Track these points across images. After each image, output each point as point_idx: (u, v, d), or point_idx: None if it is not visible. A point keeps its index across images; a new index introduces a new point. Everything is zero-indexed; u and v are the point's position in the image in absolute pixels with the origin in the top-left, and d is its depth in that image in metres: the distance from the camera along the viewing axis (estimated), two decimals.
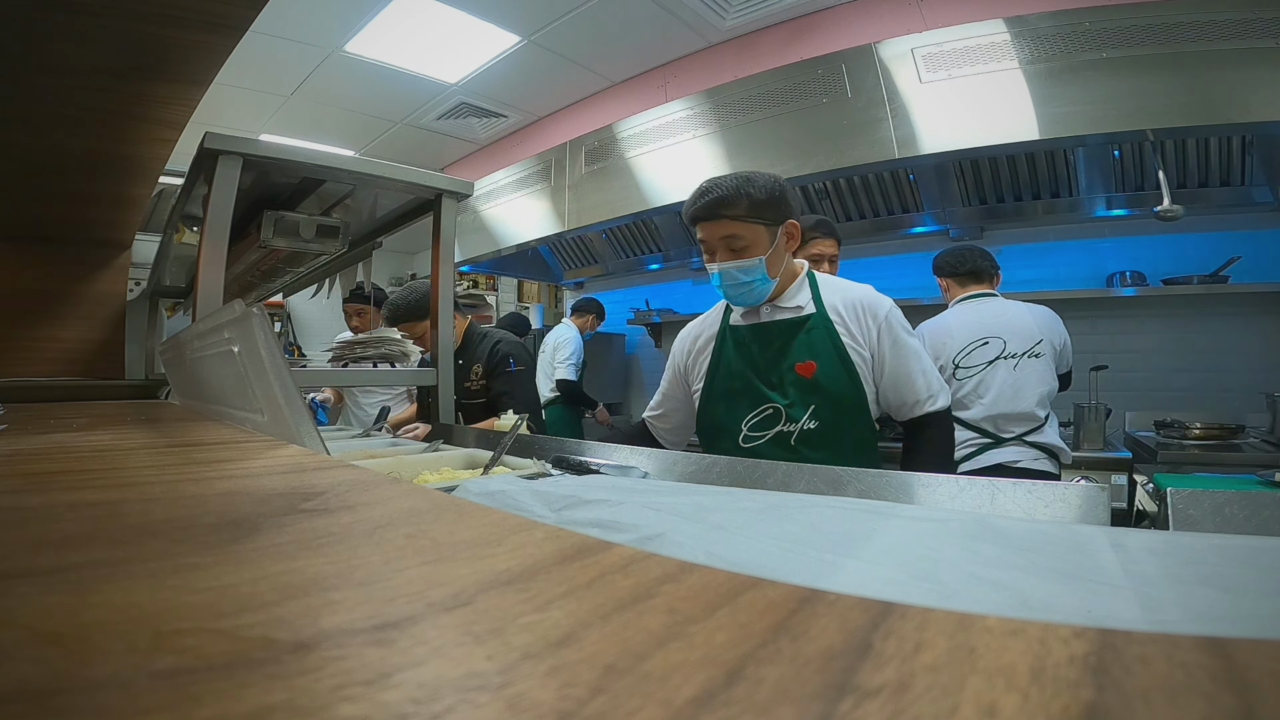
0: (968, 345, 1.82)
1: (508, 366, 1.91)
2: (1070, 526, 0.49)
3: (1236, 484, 1.46)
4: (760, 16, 2.87)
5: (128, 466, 0.44)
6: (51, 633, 0.14)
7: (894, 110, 2.17)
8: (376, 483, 0.34)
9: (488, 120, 3.92)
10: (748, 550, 0.42)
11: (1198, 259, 2.33)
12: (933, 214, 2.61)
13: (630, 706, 0.11)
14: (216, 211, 1.20)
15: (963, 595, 0.34)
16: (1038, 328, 1.81)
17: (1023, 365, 1.78)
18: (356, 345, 1.69)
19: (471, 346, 1.98)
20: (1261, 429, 2.13)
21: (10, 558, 0.21)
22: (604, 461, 0.92)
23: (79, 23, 0.90)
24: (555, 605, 0.16)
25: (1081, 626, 0.14)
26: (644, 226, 3.33)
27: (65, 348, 2.03)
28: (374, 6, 2.73)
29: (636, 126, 2.91)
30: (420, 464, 1.02)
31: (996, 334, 1.81)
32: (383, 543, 0.23)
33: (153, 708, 0.11)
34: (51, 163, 1.40)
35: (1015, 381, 1.77)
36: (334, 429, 2.05)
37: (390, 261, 5.44)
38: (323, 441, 0.61)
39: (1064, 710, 0.11)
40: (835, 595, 0.16)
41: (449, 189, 1.51)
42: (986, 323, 1.84)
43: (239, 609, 0.16)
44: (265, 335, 0.59)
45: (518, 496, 0.59)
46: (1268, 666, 0.12)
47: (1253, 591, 0.34)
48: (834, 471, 0.72)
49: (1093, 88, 1.89)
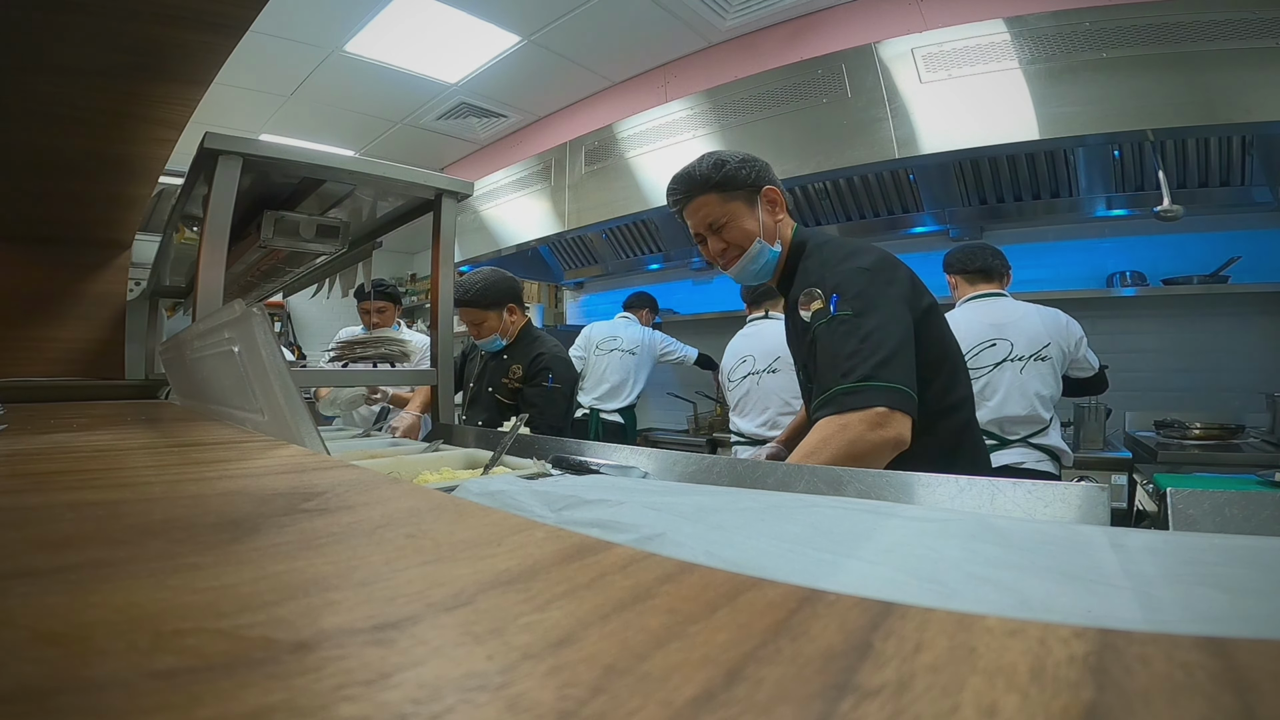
0: (975, 346, 1.81)
1: (545, 381, 1.87)
2: (1070, 526, 0.49)
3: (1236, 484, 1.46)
4: (760, 16, 2.87)
5: (128, 466, 0.44)
6: (51, 633, 0.14)
7: (894, 110, 2.17)
8: (376, 483, 0.34)
9: (488, 120, 3.92)
10: (748, 550, 0.43)
11: (1198, 259, 2.33)
12: (933, 214, 2.61)
13: (630, 706, 0.11)
14: (216, 211, 1.20)
15: (963, 595, 0.34)
16: (1046, 331, 1.81)
17: (1029, 368, 1.78)
18: (356, 345, 1.69)
19: (521, 345, 1.95)
20: (1261, 429, 2.13)
21: (10, 558, 0.21)
22: (604, 461, 0.92)
23: (79, 23, 0.90)
24: (555, 605, 0.16)
25: (1081, 626, 0.14)
26: (644, 226, 3.33)
27: (65, 348, 2.03)
28: (374, 6, 2.73)
29: (636, 126, 2.91)
30: (420, 464, 1.02)
31: (1004, 336, 1.80)
32: (383, 543, 0.23)
33: (153, 708, 0.11)
34: (52, 163, 1.40)
35: (1021, 384, 1.77)
36: (334, 429, 2.05)
37: (390, 261, 5.44)
38: (323, 441, 0.61)
39: (1064, 710, 0.11)
40: (835, 595, 0.16)
41: (449, 189, 1.51)
42: (994, 323, 1.83)
43: (239, 609, 0.16)
44: (265, 335, 0.59)
45: (518, 496, 0.59)
46: (1268, 666, 0.12)
47: (1253, 591, 0.34)
48: (834, 471, 0.72)
49: (1093, 88, 1.89)
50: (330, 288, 2.08)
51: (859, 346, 0.93)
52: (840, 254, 1.05)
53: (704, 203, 1.09)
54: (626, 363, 3.11)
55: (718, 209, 1.09)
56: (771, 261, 1.11)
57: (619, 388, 3.11)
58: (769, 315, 2.45)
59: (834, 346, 0.95)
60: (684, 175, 1.11)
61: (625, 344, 3.13)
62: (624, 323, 3.20)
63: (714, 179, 1.08)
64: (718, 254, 1.11)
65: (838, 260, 1.03)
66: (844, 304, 0.96)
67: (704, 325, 3.41)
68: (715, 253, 1.12)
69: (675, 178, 1.12)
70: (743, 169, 1.09)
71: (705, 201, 1.09)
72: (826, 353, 0.96)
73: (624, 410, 3.12)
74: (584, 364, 3.21)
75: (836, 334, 0.95)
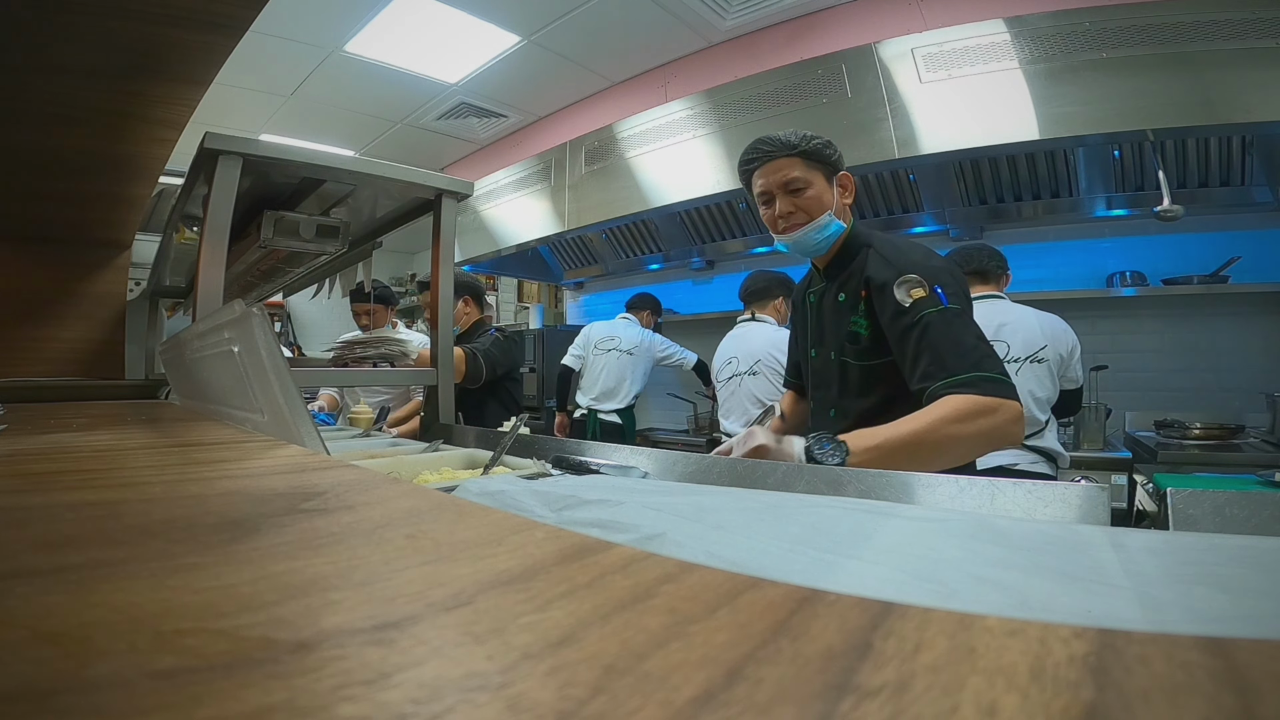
0: None
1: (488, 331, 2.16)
2: (1070, 526, 0.49)
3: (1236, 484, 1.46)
4: (760, 16, 2.87)
5: (128, 466, 0.44)
6: (51, 633, 0.14)
7: (894, 110, 2.17)
8: (376, 483, 0.34)
9: (488, 120, 3.92)
10: (748, 550, 0.43)
11: (1198, 259, 2.33)
12: (933, 214, 2.61)
13: (630, 706, 0.11)
14: (216, 211, 1.20)
15: (963, 595, 0.34)
16: (1043, 334, 1.80)
17: (1025, 370, 1.78)
18: (356, 345, 1.69)
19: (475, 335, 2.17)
20: (1261, 429, 2.13)
21: (10, 558, 0.21)
22: (604, 461, 0.92)
23: (79, 23, 0.90)
24: (555, 605, 0.16)
25: (1081, 626, 0.14)
26: (644, 226, 3.33)
27: (65, 348, 2.03)
28: (374, 6, 2.73)
29: (636, 126, 2.91)
30: (420, 464, 1.02)
31: (1000, 338, 1.80)
32: (383, 543, 0.23)
33: (153, 708, 0.11)
34: (52, 163, 1.40)
35: (1017, 386, 1.76)
36: (334, 429, 2.05)
37: (390, 261, 5.45)
38: (323, 441, 0.61)
39: (1064, 710, 0.11)
40: (835, 595, 0.16)
41: (449, 189, 1.51)
42: (990, 326, 1.83)
43: (239, 609, 0.16)
44: (265, 335, 0.59)
45: (518, 496, 0.59)
46: (1268, 666, 0.12)
47: (1253, 591, 0.34)
48: (834, 471, 0.72)
49: (1093, 88, 1.89)
50: (330, 288, 2.08)
51: (978, 343, 1.00)
52: (919, 249, 1.10)
53: (787, 163, 1.11)
54: (623, 363, 3.09)
55: (801, 171, 1.11)
56: (833, 237, 1.13)
57: (615, 388, 3.09)
58: (755, 318, 2.45)
59: (954, 335, 1.00)
60: (771, 137, 1.12)
61: (623, 344, 3.11)
62: (624, 323, 3.19)
63: (802, 147, 1.11)
64: (784, 215, 1.12)
65: (921, 254, 1.09)
66: (950, 298, 1.02)
67: (704, 326, 3.41)
68: (782, 213, 1.12)
69: (761, 139, 1.13)
70: (827, 148, 1.13)
71: (789, 163, 1.11)
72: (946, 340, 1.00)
73: (622, 411, 3.11)
74: (582, 363, 3.21)
75: (955, 324, 1.01)
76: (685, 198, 2.72)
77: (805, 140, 1.11)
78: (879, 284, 1.07)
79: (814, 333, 1.22)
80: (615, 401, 3.10)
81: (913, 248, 1.11)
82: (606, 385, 3.10)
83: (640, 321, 3.20)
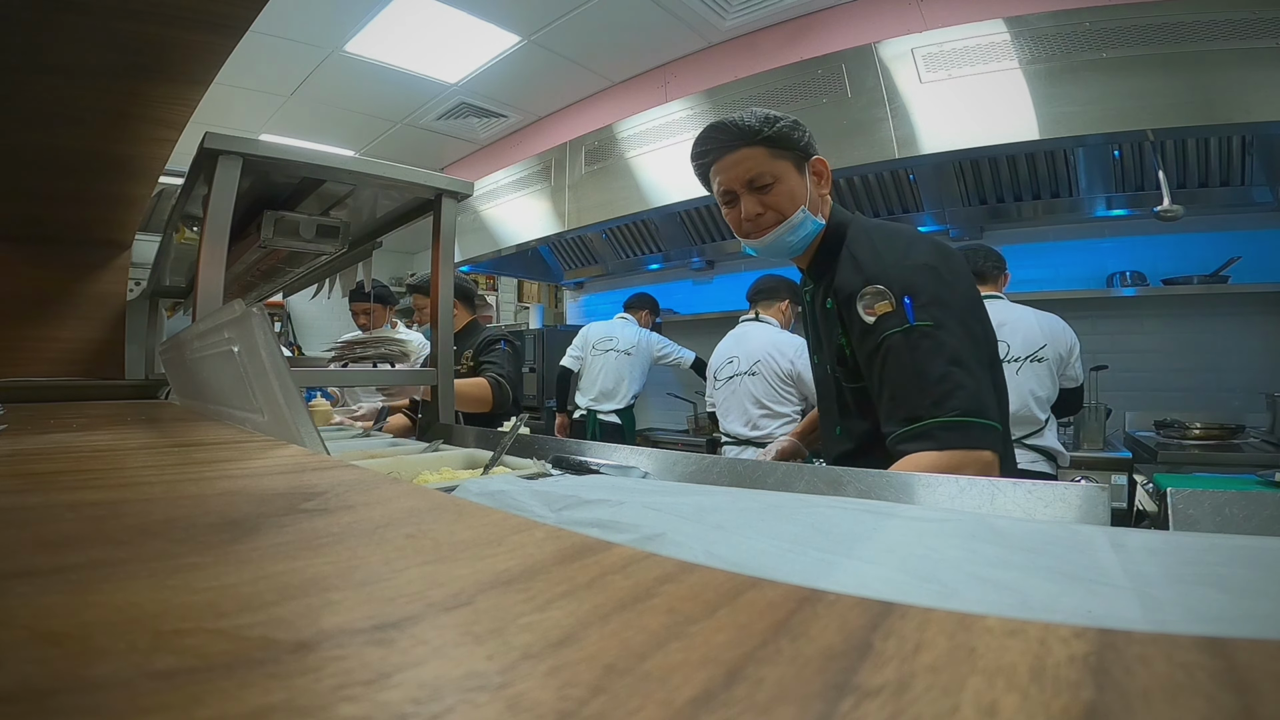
0: None
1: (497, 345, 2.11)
2: (1070, 526, 0.49)
3: (1236, 484, 1.46)
4: (760, 16, 2.87)
5: (128, 466, 0.44)
6: (51, 633, 0.14)
7: (894, 110, 2.17)
8: (376, 483, 0.34)
9: (488, 120, 3.92)
10: (748, 550, 0.42)
11: (1198, 259, 2.33)
12: (933, 214, 2.61)
13: (630, 706, 0.11)
14: (216, 211, 1.20)
15: (963, 595, 0.34)
16: (1042, 333, 1.80)
17: (1025, 369, 1.78)
18: (356, 345, 1.69)
19: (468, 337, 2.15)
20: (1261, 429, 2.13)
21: (10, 558, 0.21)
22: (604, 461, 0.92)
23: (79, 22, 0.90)
24: (555, 605, 0.16)
25: (1081, 626, 0.14)
26: (644, 226, 3.33)
27: (65, 348, 2.03)
28: (374, 6, 2.73)
29: (636, 126, 2.91)
30: (420, 464, 1.02)
31: (1000, 338, 1.79)
32: (383, 543, 0.23)
33: (153, 708, 0.11)
34: (52, 163, 1.40)
35: (1017, 385, 1.76)
36: (334, 429, 2.05)
37: (390, 261, 5.45)
38: (323, 441, 0.61)
39: (1064, 710, 0.11)
40: (835, 595, 0.16)
41: (449, 189, 1.50)
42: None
43: (239, 609, 0.16)
44: (265, 335, 0.59)
45: (518, 496, 0.59)
46: (1268, 666, 0.12)
47: (1253, 591, 0.34)
48: (834, 471, 0.72)
49: (1093, 88, 1.89)
50: (330, 288, 2.08)
51: (948, 370, 0.82)
52: (897, 245, 0.93)
53: (748, 155, 0.94)
54: (622, 364, 3.10)
55: (764, 164, 0.94)
56: (811, 236, 0.97)
57: (614, 389, 3.10)
58: (759, 318, 2.45)
59: (917, 364, 0.83)
60: (727, 123, 0.94)
61: (621, 344, 3.12)
62: (621, 323, 3.19)
63: (764, 132, 0.93)
64: (751, 218, 0.95)
65: (897, 253, 0.91)
66: (920, 311, 0.85)
67: (704, 325, 3.41)
68: (749, 215, 0.95)
69: (714, 125, 0.95)
70: (795, 131, 0.95)
71: (750, 155, 0.94)
72: (907, 369, 0.84)
73: (621, 412, 3.11)
74: (581, 364, 3.21)
75: (920, 349, 0.83)
76: (685, 198, 2.72)
77: (768, 124, 0.93)
78: (845, 296, 0.91)
79: (813, 340, 1.10)
80: (614, 402, 3.11)
81: (891, 243, 0.94)
82: (605, 386, 3.11)
83: (638, 321, 3.20)
